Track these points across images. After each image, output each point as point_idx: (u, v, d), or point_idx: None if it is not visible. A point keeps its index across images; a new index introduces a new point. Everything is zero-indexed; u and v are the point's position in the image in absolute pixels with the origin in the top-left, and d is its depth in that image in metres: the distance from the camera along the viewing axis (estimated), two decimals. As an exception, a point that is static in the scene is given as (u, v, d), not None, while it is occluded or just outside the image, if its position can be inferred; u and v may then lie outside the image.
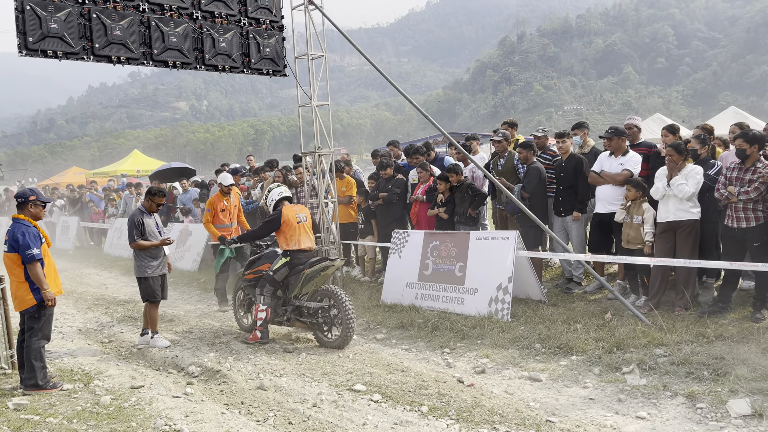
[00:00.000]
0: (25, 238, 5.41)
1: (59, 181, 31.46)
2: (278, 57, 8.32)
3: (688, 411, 4.43)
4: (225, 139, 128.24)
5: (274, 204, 7.20)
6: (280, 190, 7.31)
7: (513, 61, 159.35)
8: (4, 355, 6.18)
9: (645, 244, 6.54)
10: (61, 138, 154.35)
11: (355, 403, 5.01)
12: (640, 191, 6.61)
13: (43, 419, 4.89)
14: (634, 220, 6.63)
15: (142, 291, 7.20)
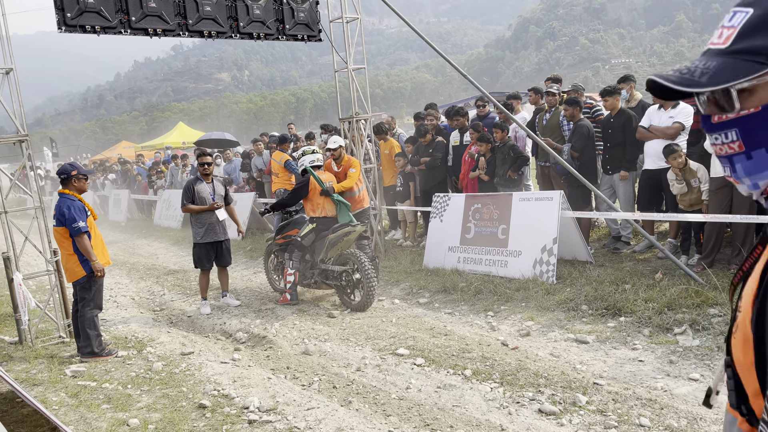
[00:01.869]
0: (71, 211, 5.57)
1: (110, 155, 32.38)
2: (312, 21, 8.20)
3: (744, 372, 4.27)
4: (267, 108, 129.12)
5: (302, 169, 7.32)
6: (313, 157, 7.33)
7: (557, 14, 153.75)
8: (62, 324, 6.45)
9: (703, 204, 6.24)
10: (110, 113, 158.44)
11: (399, 367, 5.03)
12: (682, 153, 6.25)
13: (99, 385, 5.09)
14: (692, 184, 6.29)
15: (193, 257, 7.44)
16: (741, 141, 1.01)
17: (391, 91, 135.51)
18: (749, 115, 0.98)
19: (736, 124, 1.01)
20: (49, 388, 5.04)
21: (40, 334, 6.49)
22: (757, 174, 1.02)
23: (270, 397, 4.60)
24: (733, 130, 1.01)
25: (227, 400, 4.60)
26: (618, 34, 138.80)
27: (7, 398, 4.79)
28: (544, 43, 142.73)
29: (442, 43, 30.26)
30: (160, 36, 7.16)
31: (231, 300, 7.58)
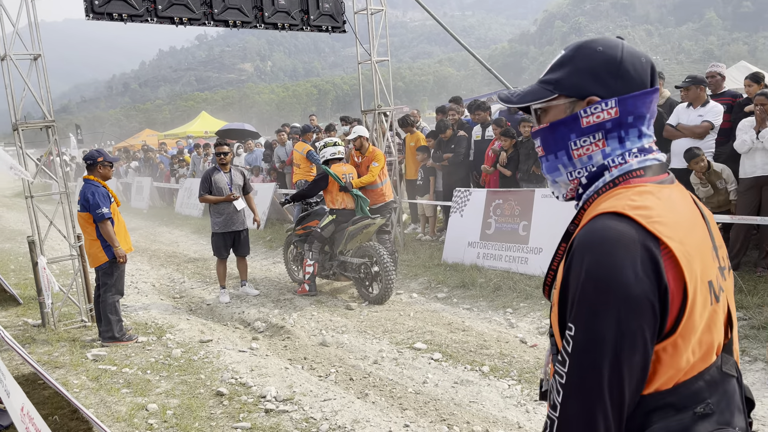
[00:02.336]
0: (95, 197, 5.64)
1: (134, 143, 32.76)
2: (337, 13, 8.17)
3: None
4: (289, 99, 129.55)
5: (324, 160, 7.33)
6: (334, 149, 7.33)
7: (583, 10, 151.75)
8: (84, 308, 6.54)
9: (731, 204, 6.11)
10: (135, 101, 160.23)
11: (416, 361, 5.01)
12: (704, 157, 6.10)
13: (119, 369, 5.15)
14: (718, 186, 6.15)
15: (212, 246, 7.50)
16: (541, 147, 1.36)
17: (414, 84, 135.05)
18: (544, 128, 1.34)
19: (538, 134, 1.36)
20: (70, 371, 5.12)
21: (62, 317, 6.59)
22: (552, 173, 1.36)
23: (287, 386, 4.62)
24: (538, 138, 1.36)
25: (244, 389, 4.63)
26: (646, 31, 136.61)
27: (29, 380, 4.87)
28: (570, 38, 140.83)
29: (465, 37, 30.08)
30: (186, 25, 7.18)
31: (250, 289, 7.63)
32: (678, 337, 1.11)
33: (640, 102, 1.25)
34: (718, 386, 1.16)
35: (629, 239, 1.09)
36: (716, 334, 1.17)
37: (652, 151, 1.29)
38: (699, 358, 1.14)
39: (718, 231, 1.33)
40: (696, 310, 1.11)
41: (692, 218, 1.21)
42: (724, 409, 1.16)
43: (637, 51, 1.29)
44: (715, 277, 1.19)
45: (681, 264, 1.09)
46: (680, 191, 1.27)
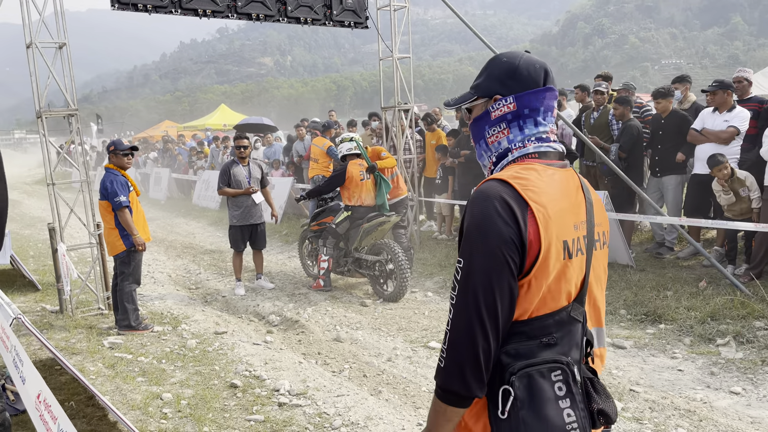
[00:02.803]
0: (113, 186, 5.69)
1: (153, 134, 33.02)
2: (360, 8, 8.14)
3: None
4: (308, 95, 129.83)
5: (341, 156, 7.30)
6: (351, 145, 7.30)
7: (607, 11, 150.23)
8: (101, 296, 6.60)
9: (753, 212, 6.00)
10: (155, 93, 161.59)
11: (430, 360, 4.99)
12: (727, 164, 5.99)
13: (135, 358, 5.19)
14: (741, 194, 6.04)
15: (229, 238, 7.52)
16: (472, 137, 1.71)
17: (433, 83, 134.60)
18: (471, 123, 1.68)
19: (471, 127, 1.70)
20: (87, 358, 5.17)
21: (80, 304, 6.66)
22: (479, 159, 1.70)
23: (300, 381, 4.62)
24: (471, 131, 1.70)
25: (258, 381, 4.64)
26: (670, 34, 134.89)
27: (47, 365, 4.93)
28: (592, 40, 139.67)
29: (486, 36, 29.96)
30: (209, 17, 7.20)
31: (265, 283, 7.65)
32: (533, 277, 1.42)
33: (534, 98, 1.57)
34: (564, 326, 1.47)
35: (505, 197, 1.43)
36: (566, 285, 1.48)
37: (549, 140, 1.60)
38: (550, 300, 1.46)
39: (604, 213, 1.67)
40: (549, 259, 1.43)
41: (564, 194, 1.52)
42: (565, 344, 1.47)
43: (534, 59, 1.60)
44: (572, 240, 1.49)
45: (539, 222, 1.42)
46: (566, 174, 1.57)
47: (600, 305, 1.64)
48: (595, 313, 1.62)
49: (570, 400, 1.43)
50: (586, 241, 1.55)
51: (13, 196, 22.01)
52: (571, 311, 1.49)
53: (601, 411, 1.47)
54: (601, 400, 1.49)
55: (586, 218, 1.55)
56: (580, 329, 1.52)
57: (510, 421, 1.41)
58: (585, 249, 1.54)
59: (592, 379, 1.51)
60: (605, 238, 1.66)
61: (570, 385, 1.44)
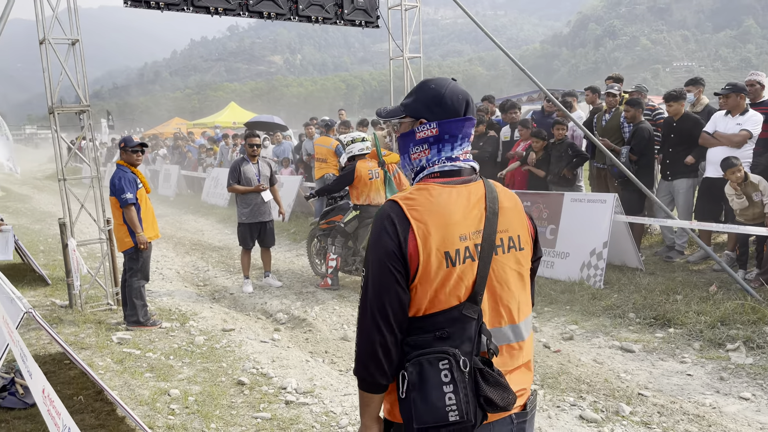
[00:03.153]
0: (120, 182, 5.71)
1: (163, 130, 33.15)
2: (371, 8, 8.14)
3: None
4: (317, 93, 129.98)
5: (350, 156, 7.26)
6: (362, 146, 7.30)
7: (619, 13, 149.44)
8: (110, 291, 6.63)
9: (766, 216, 5.94)
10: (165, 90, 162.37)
11: (437, 361, 4.98)
12: (741, 167, 5.94)
13: (143, 354, 5.21)
14: (754, 198, 5.99)
15: (237, 236, 7.54)
16: (399, 149, 1.91)
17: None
18: (399, 137, 1.89)
19: (398, 140, 1.89)
20: (96, 353, 5.19)
21: (89, 299, 6.69)
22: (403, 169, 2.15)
23: (307, 379, 4.63)
24: (399, 144, 1.89)
25: (265, 379, 4.64)
26: (682, 36, 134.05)
27: (56, 359, 4.96)
28: (603, 41, 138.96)
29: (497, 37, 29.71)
30: (221, 15, 7.22)
31: (273, 281, 7.66)
32: (417, 283, 1.69)
33: (454, 126, 1.80)
34: (456, 322, 1.68)
35: (392, 216, 1.70)
36: (454, 288, 1.69)
37: (459, 159, 1.81)
38: (440, 301, 1.69)
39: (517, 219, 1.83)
40: (430, 268, 1.68)
41: (456, 209, 1.72)
42: (457, 338, 1.67)
43: (459, 89, 1.81)
44: (455, 250, 1.69)
45: (418, 238, 1.67)
46: (466, 189, 1.77)
47: (510, 304, 1.78)
48: (504, 311, 1.77)
49: (453, 386, 1.61)
50: (480, 249, 1.72)
51: (23, 191, 22.19)
52: (463, 310, 1.69)
53: (487, 398, 1.64)
54: (488, 389, 1.65)
55: (483, 227, 1.74)
56: (473, 325, 1.69)
57: (407, 401, 1.66)
58: (477, 256, 1.72)
59: (482, 370, 1.66)
60: (515, 243, 1.81)
61: (455, 374, 1.62)
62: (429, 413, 1.62)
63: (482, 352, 1.70)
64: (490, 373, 1.68)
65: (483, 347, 1.70)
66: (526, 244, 1.85)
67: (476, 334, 1.69)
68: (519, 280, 1.82)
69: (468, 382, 1.63)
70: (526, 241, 1.85)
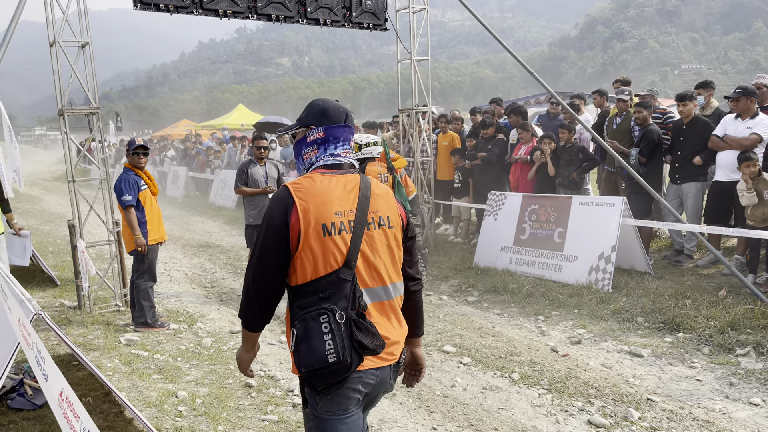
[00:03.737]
0: (120, 184, 5.77)
1: (171, 132, 33.28)
2: (379, 10, 8.15)
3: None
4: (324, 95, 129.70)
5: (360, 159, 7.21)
6: (379, 149, 7.28)
7: (627, 15, 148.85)
8: (119, 293, 6.66)
9: None
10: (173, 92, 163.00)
11: (444, 364, 4.97)
12: (757, 162, 5.91)
13: (151, 355, 5.23)
14: (765, 197, 5.93)
15: (245, 238, 7.55)
16: (294, 154, 2.36)
17: (449, 85, 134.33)
18: (295, 144, 2.35)
19: (294, 147, 2.38)
20: (104, 354, 5.21)
21: (98, 301, 6.72)
22: (298, 170, 2.36)
23: (314, 382, 4.62)
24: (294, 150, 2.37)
25: (273, 382, 4.65)
26: (690, 39, 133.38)
27: (65, 360, 4.98)
28: (611, 44, 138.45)
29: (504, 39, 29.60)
30: (230, 17, 7.24)
31: None
32: (301, 250, 2.10)
33: (337, 130, 2.28)
34: (335, 284, 2.08)
35: (282, 196, 2.16)
36: (332, 255, 2.10)
37: (340, 156, 2.28)
38: (321, 267, 2.09)
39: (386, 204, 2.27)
40: (309, 237, 2.10)
41: (334, 192, 2.16)
42: (336, 297, 2.07)
43: (340, 105, 2.33)
44: (331, 223, 2.11)
45: (299, 212, 2.10)
46: (344, 179, 2.22)
47: (380, 268, 2.21)
48: (376, 274, 2.20)
49: (332, 335, 2.01)
50: (352, 224, 2.15)
51: (33, 192, 22.31)
52: (339, 274, 2.09)
53: (359, 343, 2.03)
54: (361, 335, 2.04)
55: (357, 208, 2.17)
56: (349, 286, 2.09)
57: (297, 352, 2.05)
58: (351, 229, 2.14)
59: (356, 321, 2.05)
60: (384, 222, 2.24)
61: (332, 325, 2.01)
62: (313, 357, 2.01)
63: (357, 308, 2.08)
64: (362, 323, 2.07)
65: (357, 303, 2.09)
66: (396, 224, 2.28)
67: (351, 293, 2.09)
68: (388, 250, 2.24)
69: (344, 331, 2.02)
70: (396, 222, 2.28)
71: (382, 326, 2.18)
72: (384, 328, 2.19)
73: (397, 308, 2.30)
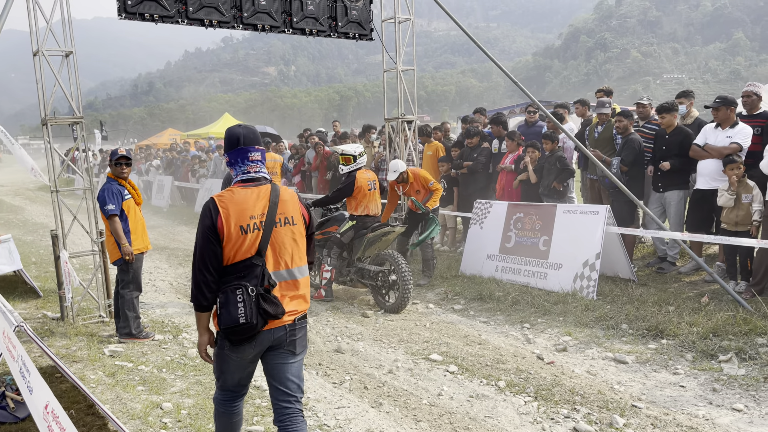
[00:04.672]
0: (104, 194, 5.74)
1: (156, 141, 33.09)
2: (365, 20, 8.20)
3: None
4: (311, 104, 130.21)
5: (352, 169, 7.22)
6: (365, 159, 7.36)
7: (609, 26, 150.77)
8: (103, 303, 6.59)
9: (752, 224, 6.01)
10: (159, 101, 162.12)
11: (431, 373, 4.97)
12: (741, 165, 6.04)
13: (135, 366, 5.18)
14: (742, 200, 6.06)
15: None
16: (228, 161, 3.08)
17: (435, 94, 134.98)
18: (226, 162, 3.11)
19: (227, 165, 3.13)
20: (87, 366, 5.16)
21: (81, 312, 6.65)
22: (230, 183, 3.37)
23: (301, 392, 4.60)
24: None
25: (259, 392, 4.62)
26: (672, 49, 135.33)
27: (47, 373, 4.91)
28: (594, 54, 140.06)
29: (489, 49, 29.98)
30: (215, 27, 7.25)
31: None
32: (226, 244, 2.84)
33: (233, 154, 2.99)
34: (249, 268, 2.84)
35: (210, 205, 2.87)
36: (248, 247, 2.85)
37: (251, 173, 2.98)
38: (239, 255, 2.84)
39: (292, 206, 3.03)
40: (231, 236, 2.82)
41: (247, 201, 2.89)
42: (250, 276, 2.84)
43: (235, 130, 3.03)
44: (246, 224, 2.85)
45: (222, 218, 2.81)
46: (257, 189, 2.95)
47: (285, 257, 2.98)
48: (281, 261, 2.97)
49: (243, 303, 2.77)
50: (263, 224, 2.89)
51: (15, 202, 22.05)
52: (252, 260, 2.86)
53: (264, 310, 2.82)
54: (266, 305, 2.83)
55: (266, 212, 2.91)
56: (259, 269, 2.87)
57: (219, 315, 2.82)
58: (262, 227, 2.89)
59: (263, 294, 2.84)
60: (289, 220, 3.00)
61: (245, 296, 2.79)
62: (229, 319, 2.78)
63: (267, 285, 2.86)
64: (267, 296, 2.86)
65: (267, 281, 2.86)
66: (299, 221, 3.05)
67: (261, 274, 2.87)
68: (293, 242, 3.01)
69: (253, 301, 2.80)
70: (298, 219, 3.05)
71: (285, 299, 2.94)
72: (286, 301, 2.94)
73: (301, 286, 3.03)
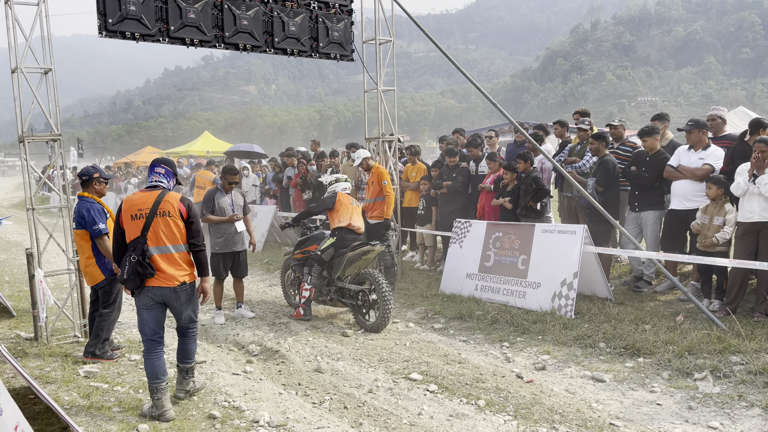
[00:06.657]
0: (90, 214, 5.59)
1: (134, 159, 32.80)
2: (346, 41, 8.29)
3: (765, 423, 4.15)
4: (291, 123, 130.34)
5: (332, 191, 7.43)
6: (345, 185, 7.49)
7: (585, 49, 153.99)
8: (78, 323, 6.48)
9: (712, 239, 6.14)
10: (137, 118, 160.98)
11: (411, 392, 4.97)
12: (722, 189, 6.21)
13: (111, 387, 5.09)
14: (714, 221, 6.21)
15: (210, 266, 7.44)
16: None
17: (415, 114, 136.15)
18: None
19: None
20: (61, 387, 5.05)
21: (55, 332, 6.53)
22: None
23: (280, 412, 4.57)
24: None
25: (237, 412, 4.57)
26: (645, 72, 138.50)
27: (20, 394, 4.80)
28: (571, 76, 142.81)
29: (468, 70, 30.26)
30: (197, 46, 7.27)
31: (246, 311, 7.58)
32: (125, 228, 4.47)
33: (150, 169, 4.73)
34: (135, 243, 4.41)
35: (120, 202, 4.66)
36: (133, 229, 4.42)
37: (152, 182, 4.63)
38: (131, 235, 4.44)
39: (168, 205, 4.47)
40: (125, 223, 4.46)
41: (141, 200, 4.48)
42: (136, 250, 4.39)
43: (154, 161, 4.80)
44: (134, 214, 4.43)
45: (122, 210, 4.49)
46: (150, 193, 4.54)
47: (161, 237, 4.42)
48: (158, 240, 4.41)
49: (128, 266, 4.36)
50: (146, 215, 4.39)
51: (-12, 219, 21.59)
52: (138, 239, 4.36)
53: (138, 272, 4.34)
54: (140, 269, 4.33)
55: (150, 207, 4.40)
56: (141, 245, 4.36)
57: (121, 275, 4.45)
58: (146, 217, 4.38)
59: (140, 261, 4.32)
60: (167, 213, 4.44)
61: (130, 261, 4.35)
62: (121, 276, 4.39)
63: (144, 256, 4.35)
64: (143, 262, 4.33)
65: (145, 254, 4.34)
66: (175, 215, 4.46)
67: (141, 249, 4.34)
68: (168, 228, 4.43)
69: (134, 265, 4.32)
70: (175, 213, 4.46)
71: (164, 266, 4.42)
72: (165, 267, 4.41)
73: (178, 259, 4.50)
